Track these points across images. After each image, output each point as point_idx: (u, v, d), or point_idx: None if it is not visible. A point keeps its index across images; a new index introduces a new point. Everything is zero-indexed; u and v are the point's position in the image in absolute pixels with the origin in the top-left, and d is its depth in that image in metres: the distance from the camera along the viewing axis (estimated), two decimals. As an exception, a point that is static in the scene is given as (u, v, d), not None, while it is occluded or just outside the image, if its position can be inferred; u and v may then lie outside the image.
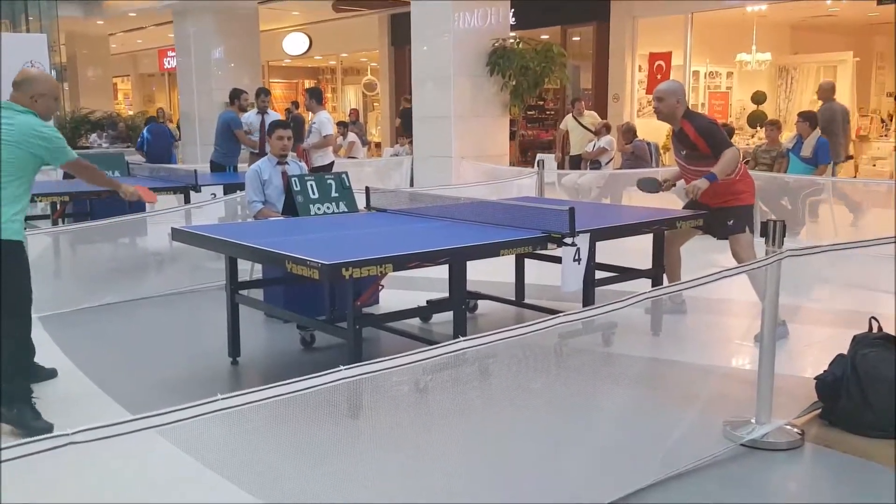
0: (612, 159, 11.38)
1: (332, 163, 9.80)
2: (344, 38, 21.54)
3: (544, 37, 15.54)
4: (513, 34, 12.02)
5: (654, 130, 15.22)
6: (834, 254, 4.82)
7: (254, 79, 17.65)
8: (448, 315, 4.32)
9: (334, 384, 2.15)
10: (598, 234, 4.51)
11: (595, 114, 12.55)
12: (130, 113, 24.19)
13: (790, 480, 3.28)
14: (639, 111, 15.68)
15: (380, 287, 4.81)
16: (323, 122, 9.59)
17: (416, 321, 5.39)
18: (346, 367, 2.20)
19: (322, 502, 2.88)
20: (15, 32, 17.37)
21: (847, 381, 3.58)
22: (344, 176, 5.74)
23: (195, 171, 7.90)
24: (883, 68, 17.66)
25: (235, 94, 10.05)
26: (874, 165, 14.96)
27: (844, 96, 16.12)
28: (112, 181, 4.74)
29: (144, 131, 13.74)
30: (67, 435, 1.73)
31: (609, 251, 5.12)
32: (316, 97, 9.92)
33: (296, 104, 20.07)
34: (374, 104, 22.93)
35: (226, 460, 3.12)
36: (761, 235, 3.44)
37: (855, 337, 3.74)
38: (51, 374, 4.48)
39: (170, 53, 23.66)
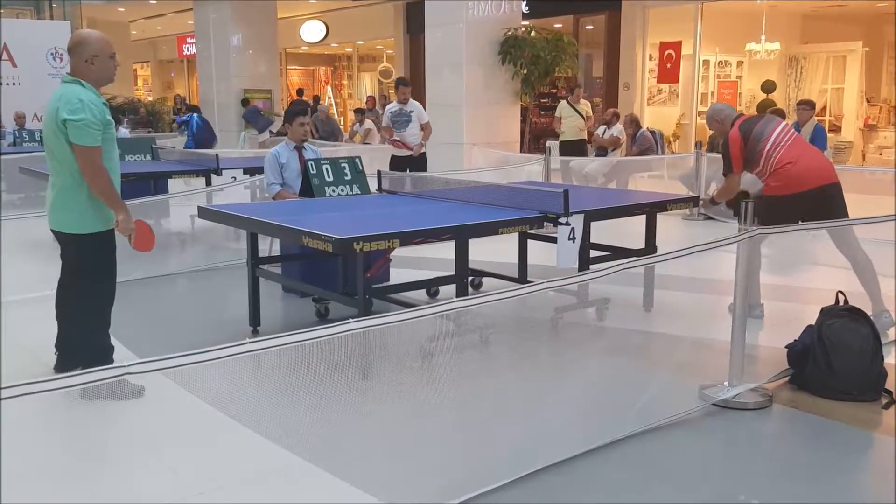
0: (621, 146, 11.65)
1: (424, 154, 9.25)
2: (360, 26, 21.86)
3: (557, 26, 15.78)
4: (526, 23, 12.27)
5: (662, 120, 15.48)
6: (819, 234, 5.15)
7: (271, 65, 18.00)
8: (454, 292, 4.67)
9: (346, 334, 2.51)
10: (592, 215, 4.85)
11: (588, 103, 12.59)
12: (150, 99, 24.63)
13: (756, 435, 3.61)
14: (649, 100, 15.92)
15: (388, 259, 5.17)
16: (421, 110, 9.36)
17: (424, 297, 5.75)
18: (355, 319, 2.56)
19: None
20: (39, 19, 17.85)
21: (814, 348, 3.91)
22: (357, 160, 6.10)
23: (216, 155, 8.28)
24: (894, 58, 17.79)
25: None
26: (881, 154, 15.19)
27: (853, 85, 16.33)
28: (120, 205, 3.78)
29: (195, 117, 14.16)
30: (124, 366, 2.09)
31: (617, 233, 5.47)
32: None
33: (301, 91, 20.42)
34: (390, 91, 23.23)
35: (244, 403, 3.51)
36: (735, 214, 3.76)
37: (823, 309, 4.06)
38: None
39: (189, 40, 24.07)
